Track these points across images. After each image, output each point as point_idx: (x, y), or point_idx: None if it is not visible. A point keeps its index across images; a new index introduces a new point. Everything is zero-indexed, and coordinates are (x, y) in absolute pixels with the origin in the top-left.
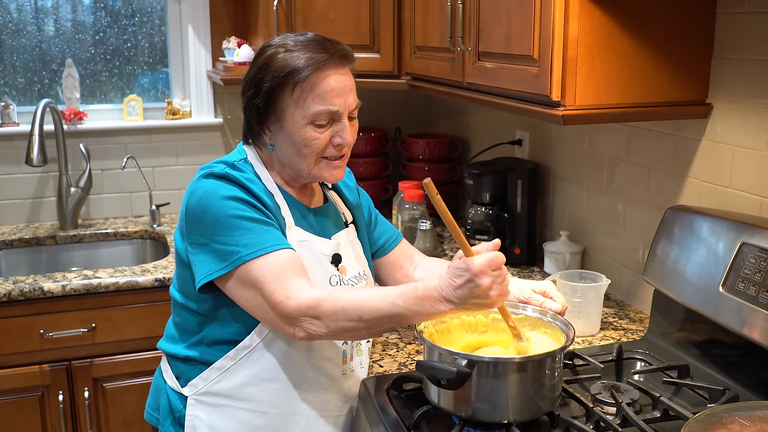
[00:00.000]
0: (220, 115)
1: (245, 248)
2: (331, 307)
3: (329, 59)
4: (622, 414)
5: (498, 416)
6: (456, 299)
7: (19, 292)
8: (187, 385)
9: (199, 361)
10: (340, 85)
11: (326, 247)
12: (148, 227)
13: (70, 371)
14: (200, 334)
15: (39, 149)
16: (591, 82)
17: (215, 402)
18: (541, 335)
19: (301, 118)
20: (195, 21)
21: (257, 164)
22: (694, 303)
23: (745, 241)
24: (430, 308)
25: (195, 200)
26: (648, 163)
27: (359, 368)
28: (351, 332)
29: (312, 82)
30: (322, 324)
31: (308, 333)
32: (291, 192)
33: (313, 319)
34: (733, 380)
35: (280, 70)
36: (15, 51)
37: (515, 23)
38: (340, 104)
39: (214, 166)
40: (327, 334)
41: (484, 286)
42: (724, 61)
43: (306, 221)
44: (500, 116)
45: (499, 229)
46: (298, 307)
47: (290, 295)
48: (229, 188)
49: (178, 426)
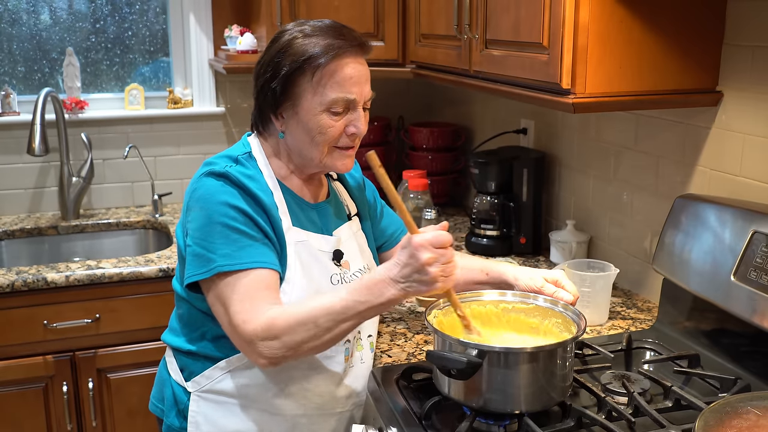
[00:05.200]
0: (222, 104)
1: (223, 258)
2: (285, 323)
3: (348, 47)
4: (633, 404)
5: (509, 406)
6: (401, 278)
7: (22, 282)
8: (191, 381)
9: (202, 356)
10: (357, 73)
11: (326, 244)
12: (150, 217)
13: (74, 362)
14: (202, 328)
15: (41, 138)
16: (601, 70)
17: (218, 399)
18: (495, 331)
19: (318, 104)
20: (196, 9)
21: (261, 158)
22: (704, 292)
23: (757, 230)
24: (379, 294)
25: (194, 200)
26: (656, 151)
27: (360, 363)
28: (310, 342)
29: (332, 68)
30: (279, 343)
31: (268, 358)
32: (294, 187)
33: (269, 341)
34: (744, 369)
35: (300, 55)
36: (15, 39)
37: (524, 10)
38: (357, 93)
39: (217, 162)
40: (287, 353)
41: (423, 260)
42: (735, 49)
43: (307, 217)
44: (504, 105)
45: (505, 219)
46: (253, 331)
47: (247, 319)
48: (227, 191)
49: (182, 418)
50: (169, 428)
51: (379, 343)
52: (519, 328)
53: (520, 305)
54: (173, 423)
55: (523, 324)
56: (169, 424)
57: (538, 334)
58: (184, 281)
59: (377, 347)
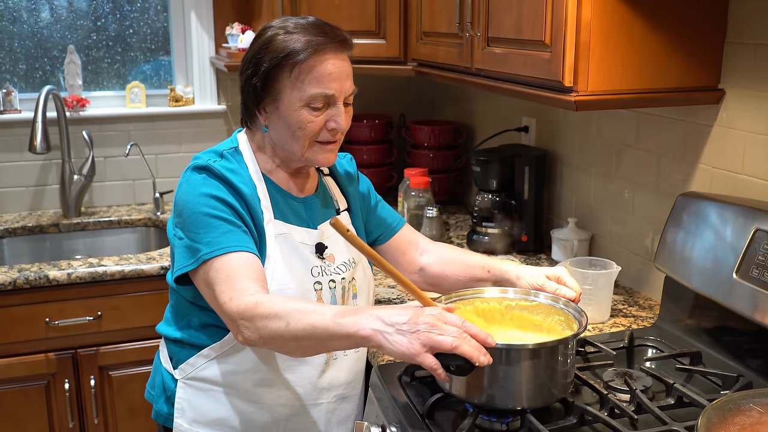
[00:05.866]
0: (223, 102)
1: (206, 246)
2: (264, 311)
3: (328, 43)
4: (636, 401)
5: (511, 402)
6: (388, 321)
7: (24, 280)
8: (178, 368)
9: (188, 344)
10: (337, 69)
11: (308, 237)
12: (152, 215)
13: (76, 359)
14: (188, 317)
15: (42, 136)
16: (603, 68)
17: (202, 387)
18: (498, 328)
19: (297, 100)
20: (197, 7)
21: (247, 153)
22: (705, 289)
23: (759, 227)
24: (356, 322)
25: (180, 194)
26: (658, 149)
27: (343, 356)
28: (278, 341)
29: (310, 64)
30: (253, 328)
31: (244, 337)
32: (280, 180)
33: (247, 322)
34: (746, 367)
35: (280, 51)
36: (16, 37)
37: (526, 8)
38: (336, 88)
39: (201, 156)
40: (258, 339)
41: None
42: (737, 47)
43: (291, 211)
44: (506, 103)
45: (506, 217)
46: (237, 309)
47: (233, 297)
48: (208, 184)
49: (170, 405)
50: (158, 414)
51: None
52: (522, 325)
53: (523, 302)
54: (162, 409)
55: (527, 321)
56: (158, 410)
57: (542, 331)
58: (174, 274)
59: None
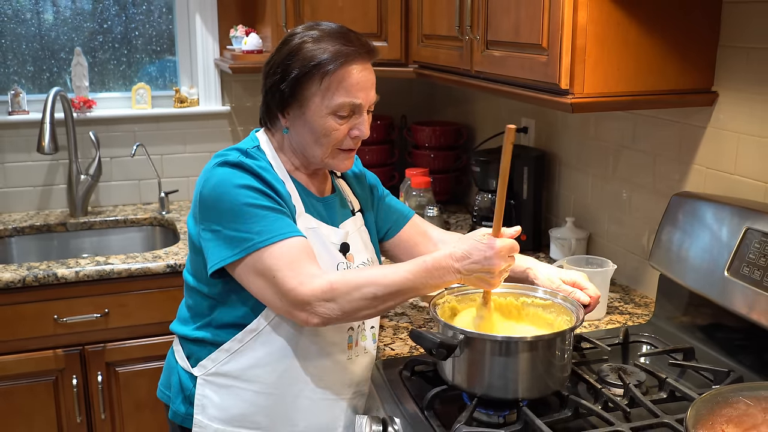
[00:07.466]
0: (227, 103)
1: (258, 235)
2: (344, 288)
3: (357, 53)
4: (629, 395)
5: (509, 393)
6: (465, 271)
7: (33, 278)
8: (197, 366)
9: (209, 342)
10: (364, 79)
11: (335, 235)
12: (157, 214)
13: (84, 356)
14: (210, 316)
15: (50, 137)
16: (599, 71)
17: (223, 382)
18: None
19: (325, 108)
20: (202, 9)
21: (269, 152)
22: (699, 287)
23: (750, 227)
24: (438, 277)
25: (209, 188)
26: (653, 150)
27: (363, 353)
28: (365, 310)
29: (340, 75)
30: (336, 306)
31: (322, 317)
32: (301, 180)
33: (327, 302)
34: (738, 362)
35: (309, 60)
36: (23, 40)
37: (524, 12)
38: (363, 98)
39: (229, 153)
40: (341, 315)
41: (497, 266)
42: (730, 50)
43: (315, 209)
44: (505, 104)
45: (506, 216)
46: (312, 292)
47: (303, 281)
48: (243, 177)
49: (188, 404)
50: (175, 414)
51: (382, 336)
52: (537, 322)
53: (539, 300)
54: (179, 409)
55: (541, 319)
56: (174, 410)
57: (553, 329)
58: (211, 267)
59: (380, 340)
